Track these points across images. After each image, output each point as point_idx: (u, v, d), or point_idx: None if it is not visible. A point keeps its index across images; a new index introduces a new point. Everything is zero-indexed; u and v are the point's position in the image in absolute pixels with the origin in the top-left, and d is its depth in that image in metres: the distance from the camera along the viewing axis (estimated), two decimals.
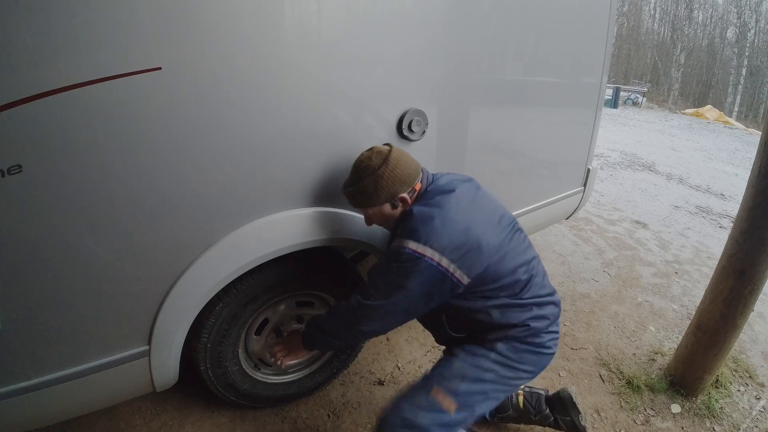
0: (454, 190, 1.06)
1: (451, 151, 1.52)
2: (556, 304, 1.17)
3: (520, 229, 1.16)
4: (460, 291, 1.03)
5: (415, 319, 1.16)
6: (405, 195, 1.09)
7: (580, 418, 1.39)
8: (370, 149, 1.12)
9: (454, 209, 1.01)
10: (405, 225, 1.03)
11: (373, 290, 1.03)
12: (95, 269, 0.98)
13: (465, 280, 1.01)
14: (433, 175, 1.16)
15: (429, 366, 1.49)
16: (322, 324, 1.14)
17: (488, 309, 1.08)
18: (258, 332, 1.41)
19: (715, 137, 9.45)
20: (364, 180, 1.08)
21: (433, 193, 1.08)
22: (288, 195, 1.19)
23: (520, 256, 1.10)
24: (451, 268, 0.98)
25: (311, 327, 1.17)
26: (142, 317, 1.09)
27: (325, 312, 1.17)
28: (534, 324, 1.09)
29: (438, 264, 0.96)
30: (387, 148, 1.10)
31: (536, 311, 1.10)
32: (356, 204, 1.14)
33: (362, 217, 1.23)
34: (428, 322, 1.25)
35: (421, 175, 1.12)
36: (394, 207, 1.11)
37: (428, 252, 0.96)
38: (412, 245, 0.97)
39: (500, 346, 1.08)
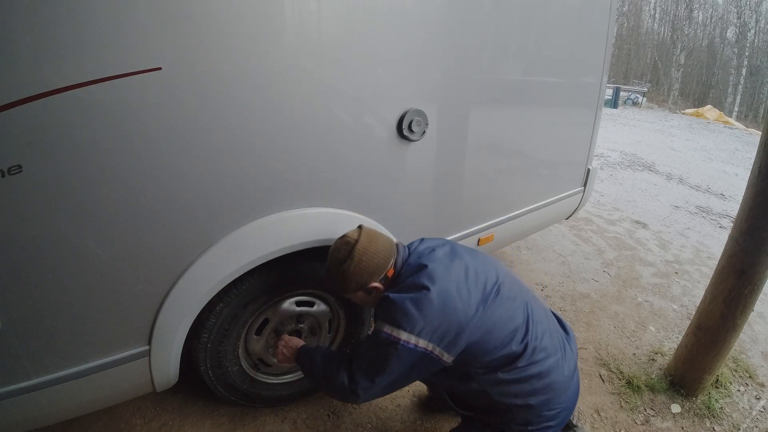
0: (426, 266, 1.03)
1: (452, 151, 1.52)
2: (559, 366, 1.11)
3: (507, 292, 1.08)
4: (449, 366, 1.03)
5: None
6: (376, 284, 1.07)
7: (572, 419, 1.39)
8: (341, 238, 1.10)
9: (429, 287, 0.99)
10: (381, 310, 1.04)
11: (359, 373, 1.05)
12: (95, 269, 0.98)
13: (446, 357, 1.01)
14: (408, 248, 1.14)
15: None
16: (316, 373, 1.13)
17: (486, 388, 1.07)
18: (258, 332, 1.41)
19: (715, 137, 9.46)
20: (332, 272, 1.09)
21: (405, 275, 1.06)
22: (288, 195, 1.19)
23: (509, 324, 1.06)
24: (430, 347, 0.98)
25: (306, 363, 1.16)
26: (142, 317, 1.09)
27: (321, 356, 1.15)
28: (534, 401, 1.07)
29: (416, 346, 0.97)
30: (354, 238, 1.07)
31: (535, 383, 1.07)
32: (333, 290, 1.14)
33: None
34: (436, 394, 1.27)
35: (393, 259, 1.09)
36: (368, 293, 1.10)
37: (403, 336, 0.96)
38: (388, 329, 0.98)
39: None
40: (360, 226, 1.12)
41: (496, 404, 1.09)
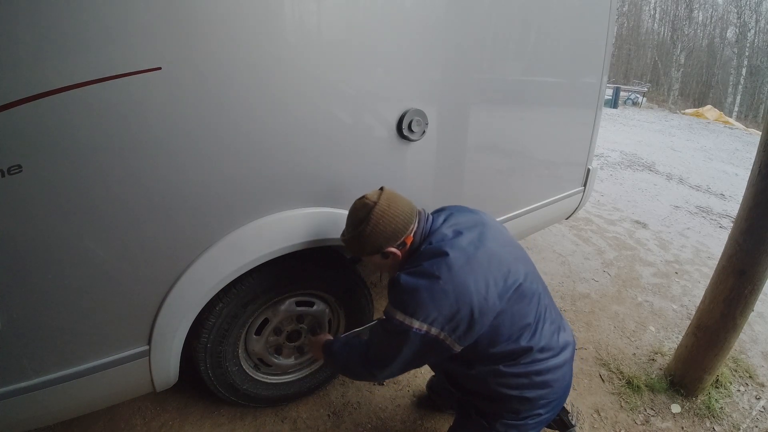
0: (447, 254, 0.98)
1: (452, 151, 1.52)
2: (560, 365, 1.10)
3: (527, 289, 1.06)
4: (455, 353, 1.03)
5: None
6: (392, 249, 1.05)
7: (569, 417, 1.39)
8: (361, 198, 1.08)
9: (445, 277, 0.95)
10: (393, 293, 1.01)
11: (374, 357, 1.09)
12: (95, 269, 0.98)
13: (456, 347, 1.00)
14: (433, 221, 1.09)
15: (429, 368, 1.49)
16: (339, 362, 1.19)
17: (484, 376, 1.08)
18: (258, 332, 1.41)
19: (715, 137, 9.45)
20: (350, 233, 1.08)
21: (425, 255, 1.02)
22: (288, 195, 1.19)
23: (521, 320, 1.04)
24: (441, 336, 0.97)
25: (330, 355, 1.22)
26: (142, 317, 1.09)
27: (339, 345, 1.21)
28: (530, 394, 1.07)
29: (427, 332, 0.96)
30: (372, 200, 1.04)
31: (535, 378, 1.07)
32: (349, 252, 1.13)
33: None
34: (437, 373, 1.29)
35: (412, 226, 1.06)
36: (384, 257, 1.08)
37: (416, 324, 0.95)
38: (399, 317, 0.97)
39: (498, 426, 1.12)
40: (382, 188, 1.09)
41: (491, 392, 1.09)
